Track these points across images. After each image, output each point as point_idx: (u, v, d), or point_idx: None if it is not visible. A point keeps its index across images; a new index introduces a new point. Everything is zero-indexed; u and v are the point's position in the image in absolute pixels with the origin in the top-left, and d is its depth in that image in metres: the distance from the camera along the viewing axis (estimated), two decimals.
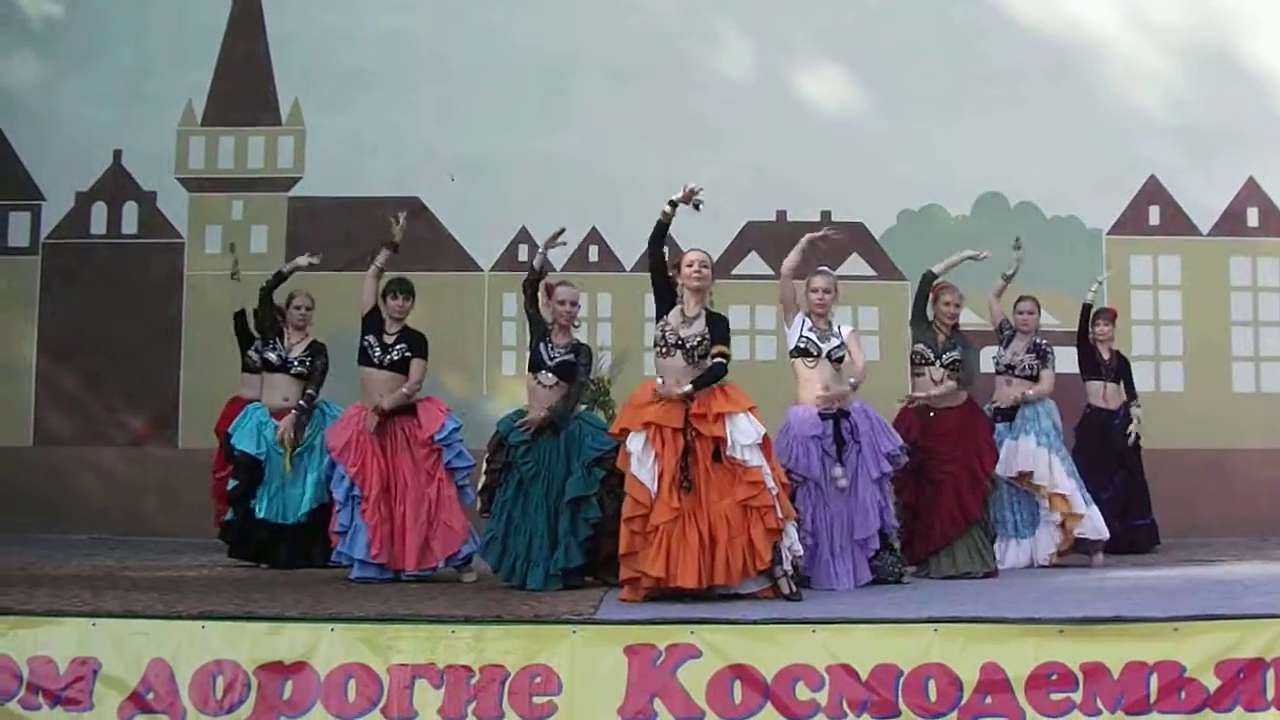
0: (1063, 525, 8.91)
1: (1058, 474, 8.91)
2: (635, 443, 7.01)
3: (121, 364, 11.74)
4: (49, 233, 12.04)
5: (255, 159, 12.12)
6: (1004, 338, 9.28)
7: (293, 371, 9.18)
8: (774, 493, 7.02)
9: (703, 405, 7.02)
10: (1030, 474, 8.91)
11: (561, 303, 7.90)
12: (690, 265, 7.24)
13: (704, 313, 7.25)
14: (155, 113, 12.01)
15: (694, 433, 7.02)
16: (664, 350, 7.18)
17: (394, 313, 8.37)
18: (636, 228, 11.58)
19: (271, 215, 11.94)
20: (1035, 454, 8.93)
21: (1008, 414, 9.09)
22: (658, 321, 7.26)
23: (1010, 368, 9.18)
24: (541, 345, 7.83)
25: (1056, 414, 9.15)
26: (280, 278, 9.29)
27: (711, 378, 7.09)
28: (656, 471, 6.94)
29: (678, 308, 7.24)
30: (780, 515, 7.03)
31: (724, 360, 7.13)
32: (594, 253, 11.56)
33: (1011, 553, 8.95)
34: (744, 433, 7.01)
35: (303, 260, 9.25)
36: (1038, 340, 9.22)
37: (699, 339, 7.14)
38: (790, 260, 7.85)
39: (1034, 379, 9.12)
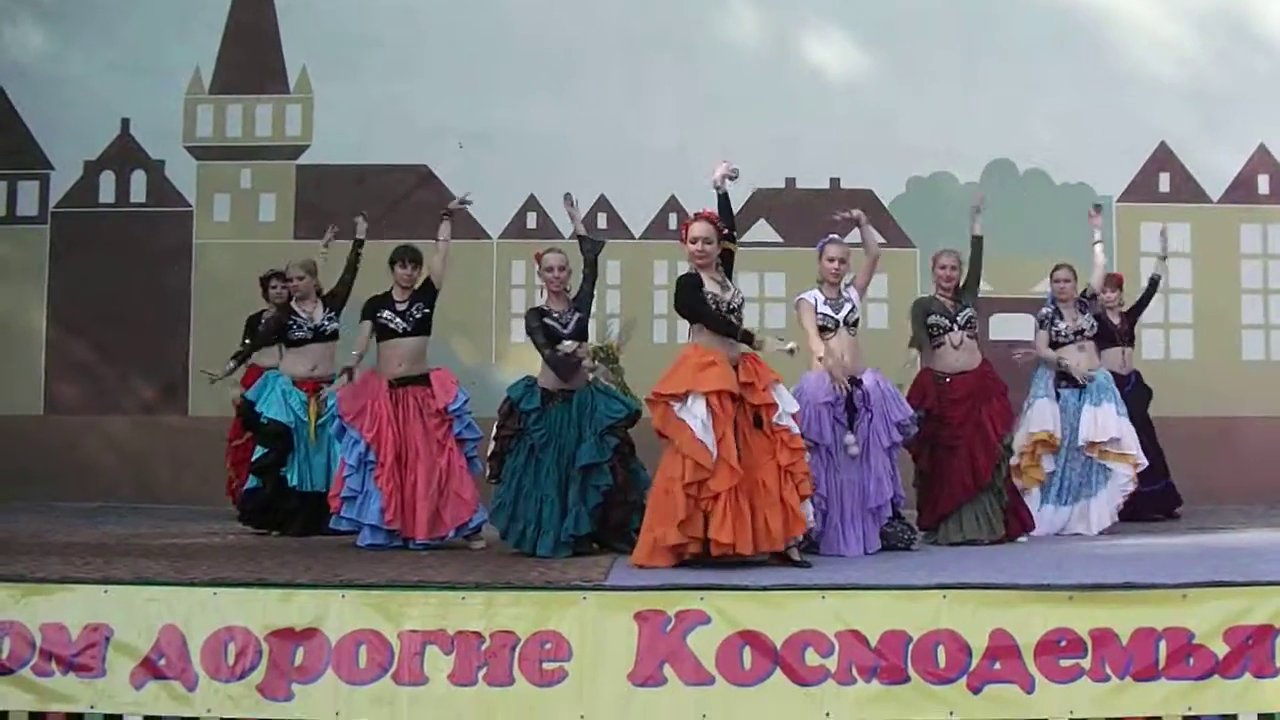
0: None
1: (1137, 444, 9.00)
2: (698, 407, 6.85)
3: (131, 332, 11.75)
4: (58, 202, 12.03)
5: (263, 127, 12.10)
6: (1046, 317, 9.28)
7: (326, 334, 9.22)
8: (809, 460, 7.10)
9: (749, 373, 7.00)
10: (1119, 441, 8.94)
11: (549, 269, 7.88)
12: (694, 242, 7.14)
13: (724, 277, 7.23)
14: (163, 81, 11.98)
15: (738, 400, 7.02)
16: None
17: (402, 281, 8.37)
18: (645, 195, 11.60)
19: (280, 183, 11.92)
20: (1120, 423, 8.98)
21: (1074, 380, 9.11)
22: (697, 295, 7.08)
23: (1080, 333, 9.21)
24: (548, 320, 7.78)
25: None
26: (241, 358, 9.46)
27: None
28: (716, 436, 6.87)
29: (705, 277, 7.14)
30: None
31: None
32: (603, 220, 11.52)
33: (1049, 517, 8.96)
34: (788, 401, 7.09)
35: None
36: (1082, 300, 9.30)
37: (741, 299, 7.19)
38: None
39: (1097, 339, 9.29)
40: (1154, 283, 10.43)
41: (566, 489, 7.57)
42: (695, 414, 6.84)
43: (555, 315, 7.82)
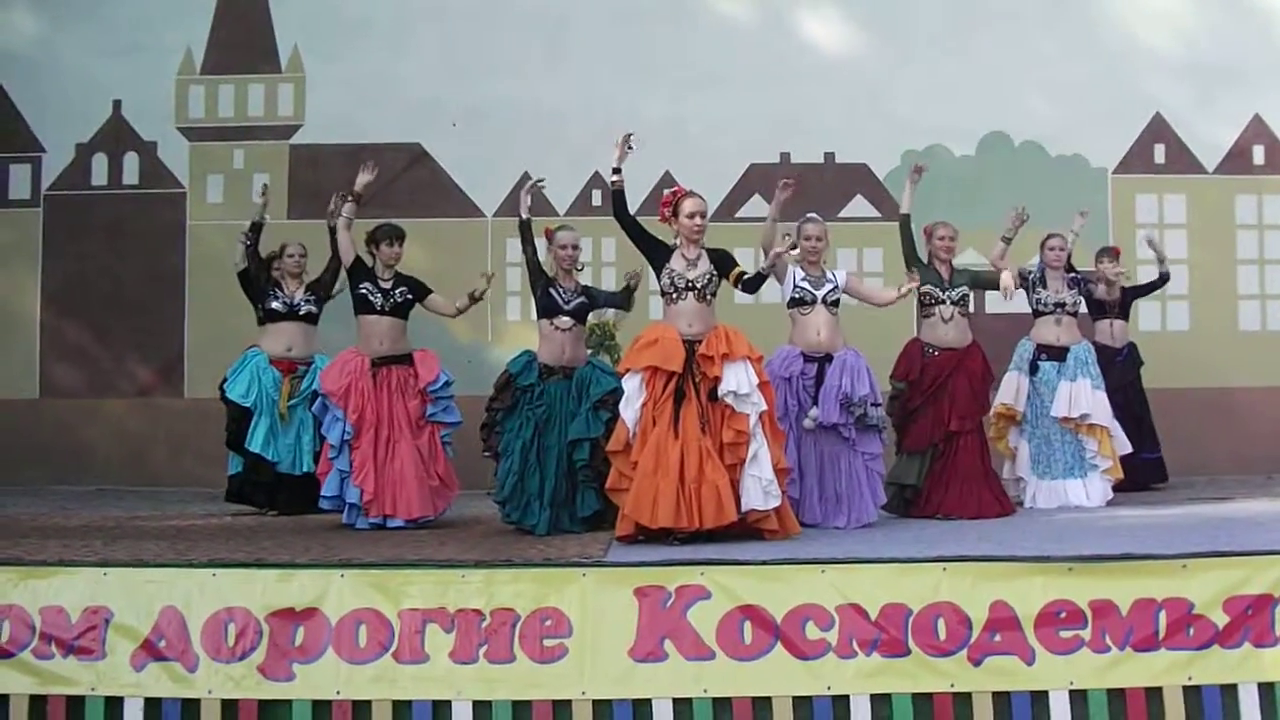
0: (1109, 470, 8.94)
1: (1109, 418, 8.97)
2: (631, 383, 7.06)
3: (126, 314, 11.72)
4: (50, 185, 11.96)
5: (255, 107, 12.04)
6: (1031, 282, 9.23)
7: (301, 313, 9.21)
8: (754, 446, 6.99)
9: (710, 347, 7.03)
10: (1089, 416, 8.89)
11: (563, 247, 7.89)
12: (691, 217, 7.27)
13: (704, 252, 7.30)
14: (154, 62, 11.91)
15: (700, 373, 7.03)
16: (675, 296, 7.20)
17: (388, 260, 8.34)
18: (641, 171, 11.51)
19: (273, 163, 11.86)
20: (1094, 397, 8.92)
21: (1056, 354, 9.07)
22: (658, 272, 7.29)
23: (1060, 305, 9.15)
24: (552, 290, 7.80)
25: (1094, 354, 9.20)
26: (258, 229, 9.29)
27: (758, 282, 7.40)
28: (640, 413, 6.99)
29: (677, 253, 7.29)
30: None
31: (750, 274, 7.37)
32: (597, 197, 11.48)
33: (1044, 494, 8.94)
34: (739, 379, 6.98)
35: (259, 201, 9.40)
36: (1068, 274, 9.26)
37: (707, 278, 7.22)
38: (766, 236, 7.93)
39: (1075, 315, 9.21)
40: (1163, 278, 10.42)
41: (569, 467, 7.59)
42: (627, 388, 7.07)
43: (561, 289, 7.81)
